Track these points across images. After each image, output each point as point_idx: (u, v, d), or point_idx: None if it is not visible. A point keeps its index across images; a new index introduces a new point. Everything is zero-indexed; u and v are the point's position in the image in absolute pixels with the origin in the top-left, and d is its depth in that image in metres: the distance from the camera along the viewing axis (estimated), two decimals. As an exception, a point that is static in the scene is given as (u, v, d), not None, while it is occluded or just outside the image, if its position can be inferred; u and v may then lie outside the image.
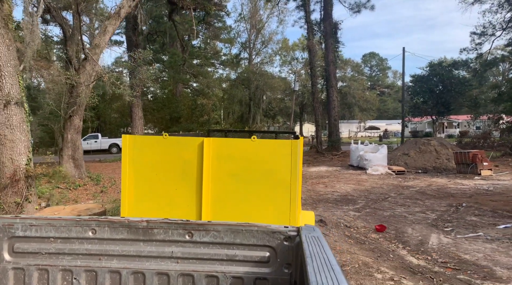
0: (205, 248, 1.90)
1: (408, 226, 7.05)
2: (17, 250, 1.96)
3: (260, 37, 46.69)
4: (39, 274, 1.95)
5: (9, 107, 6.30)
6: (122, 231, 1.93)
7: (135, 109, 20.69)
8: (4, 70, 6.23)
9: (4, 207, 6.38)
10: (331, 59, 24.41)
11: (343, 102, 60.31)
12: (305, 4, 24.92)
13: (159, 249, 1.92)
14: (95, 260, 1.93)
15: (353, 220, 7.53)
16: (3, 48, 6.22)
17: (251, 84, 41.27)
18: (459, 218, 7.55)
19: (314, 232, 1.77)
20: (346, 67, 66.53)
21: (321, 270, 1.27)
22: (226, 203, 2.99)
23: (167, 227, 1.91)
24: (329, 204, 9.27)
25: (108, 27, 13.19)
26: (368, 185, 12.28)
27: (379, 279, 4.53)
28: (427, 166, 16.37)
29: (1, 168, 6.39)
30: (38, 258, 1.95)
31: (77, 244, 1.95)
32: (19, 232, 1.95)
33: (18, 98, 6.41)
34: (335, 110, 24.89)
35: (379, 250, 5.71)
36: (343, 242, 6.09)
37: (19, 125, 6.44)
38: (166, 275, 1.90)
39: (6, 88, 6.26)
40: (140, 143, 3.08)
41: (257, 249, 1.86)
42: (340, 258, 5.29)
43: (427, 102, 24.36)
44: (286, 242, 1.83)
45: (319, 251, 1.49)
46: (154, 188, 3.04)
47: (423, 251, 5.60)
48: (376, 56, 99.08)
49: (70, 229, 1.95)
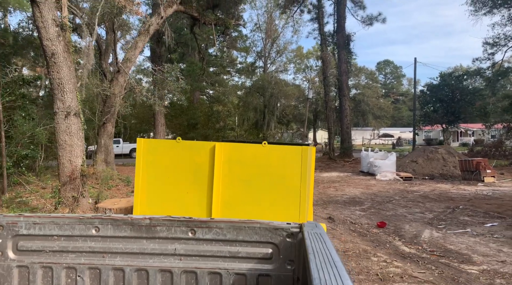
0: (208, 245, 1.91)
1: (406, 223, 8.04)
2: (21, 248, 1.96)
3: (275, 47, 47.91)
4: (43, 271, 1.95)
5: (69, 118, 7.60)
6: (125, 229, 1.94)
7: (158, 117, 22.07)
8: (66, 87, 7.55)
9: (63, 201, 7.65)
10: (344, 70, 25.42)
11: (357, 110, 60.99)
12: (319, 17, 26.05)
13: (162, 246, 1.93)
14: (99, 257, 1.94)
15: (358, 218, 8.57)
16: (65, 69, 7.54)
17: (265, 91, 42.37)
18: (453, 217, 8.50)
19: (316, 228, 1.78)
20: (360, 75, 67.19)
21: (324, 267, 1.27)
22: (236, 207, 3.00)
23: (170, 224, 1.92)
24: (338, 205, 10.30)
25: (138, 43, 14.56)
26: (375, 189, 13.24)
27: (374, 261, 5.58)
28: (434, 173, 17.19)
29: (61, 168, 7.67)
30: (42, 256, 1.96)
31: (80, 242, 1.96)
32: (23, 230, 1.96)
33: (76, 110, 7.70)
34: (347, 119, 25.83)
35: (378, 241, 6.74)
36: (347, 235, 7.14)
37: (77, 132, 7.72)
38: (169, 272, 1.91)
39: (67, 102, 7.57)
40: (154, 147, 3.13)
41: (259, 245, 1.87)
42: (344, 246, 6.35)
43: (437, 111, 25.12)
44: (289, 238, 1.84)
45: (322, 247, 1.49)
46: (166, 190, 3.08)
47: (415, 243, 6.61)
48: (391, 64, 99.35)
49: (74, 227, 1.96)
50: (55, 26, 7.43)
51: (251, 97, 41.92)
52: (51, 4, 7.39)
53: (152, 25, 14.73)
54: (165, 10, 15.00)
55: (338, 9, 25.30)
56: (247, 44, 48.34)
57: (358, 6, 25.72)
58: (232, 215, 2.94)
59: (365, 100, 59.16)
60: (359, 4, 25.59)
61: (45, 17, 7.29)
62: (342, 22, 25.45)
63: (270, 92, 42.08)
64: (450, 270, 5.20)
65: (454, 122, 25.44)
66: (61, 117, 7.56)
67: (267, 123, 42.37)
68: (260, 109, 42.77)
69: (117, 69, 14.07)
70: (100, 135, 14.21)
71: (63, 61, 7.49)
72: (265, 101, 42.45)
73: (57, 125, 7.63)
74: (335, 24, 25.95)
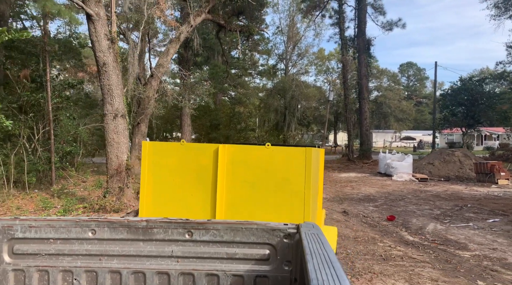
0: (205, 246, 1.91)
1: (414, 218, 8.83)
2: (17, 252, 1.95)
3: (296, 49, 48.69)
4: (39, 275, 1.94)
5: (117, 119, 8.78)
6: (122, 231, 1.93)
7: (185, 118, 23.34)
8: (114, 92, 8.74)
9: (111, 190, 8.83)
10: (364, 73, 26.04)
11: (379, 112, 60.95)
12: (340, 22, 26.78)
13: (159, 248, 1.92)
14: (95, 260, 1.93)
15: (370, 213, 9.41)
16: (114, 76, 8.73)
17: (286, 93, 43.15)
18: (458, 214, 9.22)
19: (313, 229, 1.77)
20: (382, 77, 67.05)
21: (321, 267, 1.27)
22: (240, 209, 3.01)
23: (167, 226, 1.92)
24: (353, 201, 11.14)
25: (170, 50, 15.78)
26: (390, 188, 13.97)
27: (380, 246, 6.46)
28: (450, 175, 17.69)
29: (109, 162, 8.86)
30: (38, 259, 1.94)
31: (77, 245, 1.94)
32: (19, 234, 1.94)
33: (122, 112, 8.88)
34: (367, 121, 26.43)
35: (385, 231, 7.59)
36: (359, 225, 8.02)
37: (123, 131, 8.90)
38: (166, 274, 1.91)
39: (115, 105, 8.75)
40: (159, 149, 3.15)
41: (257, 247, 1.87)
42: (355, 234, 7.24)
43: (456, 115, 25.45)
44: (286, 239, 1.84)
45: (319, 248, 1.49)
46: (171, 192, 3.10)
47: (419, 233, 7.42)
48: (414, 66, 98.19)
49: (70, 229, 1.94)
50: (106, 39, 8.63)
51: (272, 99, 42.84)
52: (104, 21, 8.59)
53: (183, 33, 15.92)
54: (194, 19, 16.16)
55: (359, 15, 25.97)
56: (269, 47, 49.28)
57: (379, 12, 26.35)
58: (236, 217, 2.96)
59: (387, 102, 59.10)
60: (379, 10, 26.20)
61: (99, 32, 8.50)
62: (363, 27, 26.08)
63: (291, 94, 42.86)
64: (446, 254, 6.03)
65: (473, 126, 25.66)
66: (110, 118, 8.76)
67: (287, 124, 43.18)
68: (280, 111, 43.63)
69: (151, 74, 15.32)
70: (134, 134, 15.47)
71: (113, 70, 8.68)
72: (286, 103, 43.28)
73: (106, 125, 8.82)
74: (355, 29, 26.63)
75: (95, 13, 8.40)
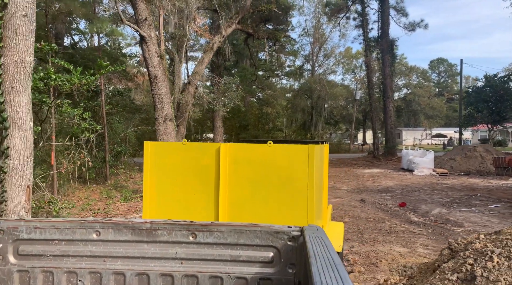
0: (209, 248, 1.92)
1: (424, 204, 10.01)
2: (22, 253, 1.98)
3: (322, 50, 49.61)
4: (44, 276, 1.96)
5: (166, 122, 10.49)
6: (126, 233, 1.95)
7: (216, 119, 25.11)
8: (164, 100, 10.46)
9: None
10: (388, 73, 26.90)
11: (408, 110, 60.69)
12: (363, 25, 27.76)
13: (163, 250, 1.94)
14: (100, 261, 1.95)
15: (385, 201, 10.66)
16: (163, 87, 10.45)
17: (313, 94, 44.17)
18: (465, 201, 10.30)
19: (317, 231, 1.78)
20: (411, 75, 66.58)
21: (325, 270, 1.28)
22: (243, 208, 3.01)
23: (171, 228, 1.94)
24: (372, 192, 12.37)
25: (204, 59, 17.51)
26: (409, 182, 15.03)
27: (387, 224, 7.77)
28: (471, 170, 18.43)
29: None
30: (42, 260, 1.97)
31: (81, 246, 1.96)
32: (24, 235, 1.97)
33: (171, 116, 10.60)
34: (391, 119, 27.25)
35: (395, 214, 8.86)
36: (373, 210, 9.31)
37: (171, 132, 10.61)
38: (170, 276, 1.93)
39: (165, 110, 10.48)
40: (161, 150, 3.15)
41: (261, 249, 1.88)
42: (368, 215, 8.57)
43: (481, 112, 25.84)
44: (290, 242, 1.85)
45: (323, 250, 1.50)
46: (174, 193, 3.11)
47: (425, 216, 8.64)
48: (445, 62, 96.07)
49: (74, 231, 1.97)
50: (157, 56, 10.36)
51: (299, 99, 44.02)
52: (154, 41, 10.33)
53: (216, 43, 17.60)
54: (225, 30, 17.81)
55: (382, 17, 26.84)
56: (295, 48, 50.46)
57: (401, 14, 27.12)
58: (239, 216, 2.98)
59: (416, 100, 58.81)
60: (402, 12, 26.97)
61: (151, 51, 10.24)
62: (386, 28, 26.93)
63: (317, 94, 43.90)
64: (442, 229, 7.27)
65: (499, 122, 25.96)
66: (160, 122, 10.49)
67: (314, 124, 44.25)
68: (307, 111, 44.74)
69: (188, 81, 17.10)
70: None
71: (162, 81, 10.40)
72: (313, 103, 44.36)
73: (157, 128, 10.55)
74: (379, 30, 27.49)
75: (148, 35, 10.14)
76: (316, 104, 44.39)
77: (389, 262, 5.30)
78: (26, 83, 4.01)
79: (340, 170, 20.40)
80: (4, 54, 3.89)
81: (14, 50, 3.90)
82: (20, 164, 3.97)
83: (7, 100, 3.89)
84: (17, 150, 3.96)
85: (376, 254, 5.74)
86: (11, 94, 3.90)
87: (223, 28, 17.67)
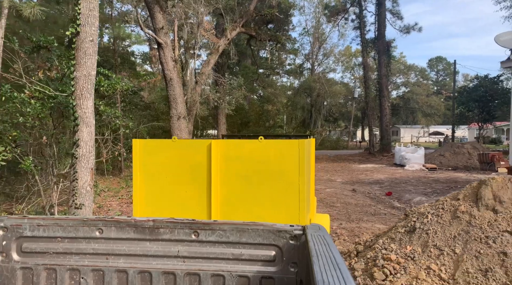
0: (211, 247, 1.93)
1: (408, 194, 11.33)
2: (25, 250, 2.00)
3: (322, 50, 50.80)
4: (47, 273, 1.99)
5: (180, 119, 11.80)
6: (129, 231, 1.97)
7: (220, 116, 26.40)
8: (178, 100, 11.76)
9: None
10: (384, 73, 28.18)
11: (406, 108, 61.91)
12: (361, 27, 29.02)
13: (165, 248, 1.95)
14: (102, 259, 1.97)
15: (374, 191, 11.98)
16: (178, 88, 11.75)
17: (312, 92, 45.42)
18: (445, 192, 11.61)
19: (320, 231, 1.80)
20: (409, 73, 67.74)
21: (327, 269, 1.29)
22: (235, 204, 3.03)
23: (173, 226, 1.95)
24: (363, 184, 13.70)
25: (210, 60, 18.78)
26: (398, 175, 16.35)
27: (373, 208, 9.09)
28: (458, 165, 19.75)
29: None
30: (46, 258, 1.99)
31: (84, 244, 1.98)
32: (27, 232, 1.99)
33: (184, 114, 11.90)
34: (386, 117, 28.57)
35: (381, 201, 10.18)
36: (362, 198, 10.64)
37: (184, 129, 11.92)
38: (172, 274, 1.94)
39: (179, 109, 11.78)
40: (150, 147, 3.13)
41: (263, 248, 1.89)
42: (357, 202, 9.89)
43: (472, 111, 27.18)
44: (292, 240, 1.87)
45: (325, 249, 1.52)
46: (165, 191, 3.10)
47: (406, 203, 9.96)
48: (443, 60, 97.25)
49: (77, 229, 1.98)
50: (172, 61, 11.64)
51: (299, 97, 45.32)
52: (170, 47, 11.61)
53: (221, 45, 18.87)
54: (230, 33, 19.07)
55: (379, 19, 28.09)
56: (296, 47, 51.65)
57: (396, 17, 28.43)
58: (231, 212, 3.01)
59: (414, 98, 60.06)
60: (397, 15, 28.27)
61: (166, 56, 11.52)
62: (382, 30, 28.17)
63: (317, 92, 45.17)
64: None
65: (489, 121, 27.32)
66: (175, 119, 11.79)
67: (313, 121, 45.57)
68: (307, 108, 46.04)
69: (195, 81, 18.39)
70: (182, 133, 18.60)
71: (176, 83, 11.70)
72: (312, 101, 45.64)
73: (172, 124, 11.86)
74: (375, 32, 28.75)
75: (164, 42, 11.42)
76: (316, 102, 45.64)
77: (369, 235, 6.62)
78: (91, 90, 5.31)
79: (337, 164, 21.73)
80: (77, 69, 5.19)
81: (84, 66, 5.19)
82: (87, 151, 5.29)
83: (78, 104, 5.20)
84: (84, 141, 5.27)
85: (360, 229, 7.06)
86: (81, 99, 5.21)
87: (228, 31, 18.92)
